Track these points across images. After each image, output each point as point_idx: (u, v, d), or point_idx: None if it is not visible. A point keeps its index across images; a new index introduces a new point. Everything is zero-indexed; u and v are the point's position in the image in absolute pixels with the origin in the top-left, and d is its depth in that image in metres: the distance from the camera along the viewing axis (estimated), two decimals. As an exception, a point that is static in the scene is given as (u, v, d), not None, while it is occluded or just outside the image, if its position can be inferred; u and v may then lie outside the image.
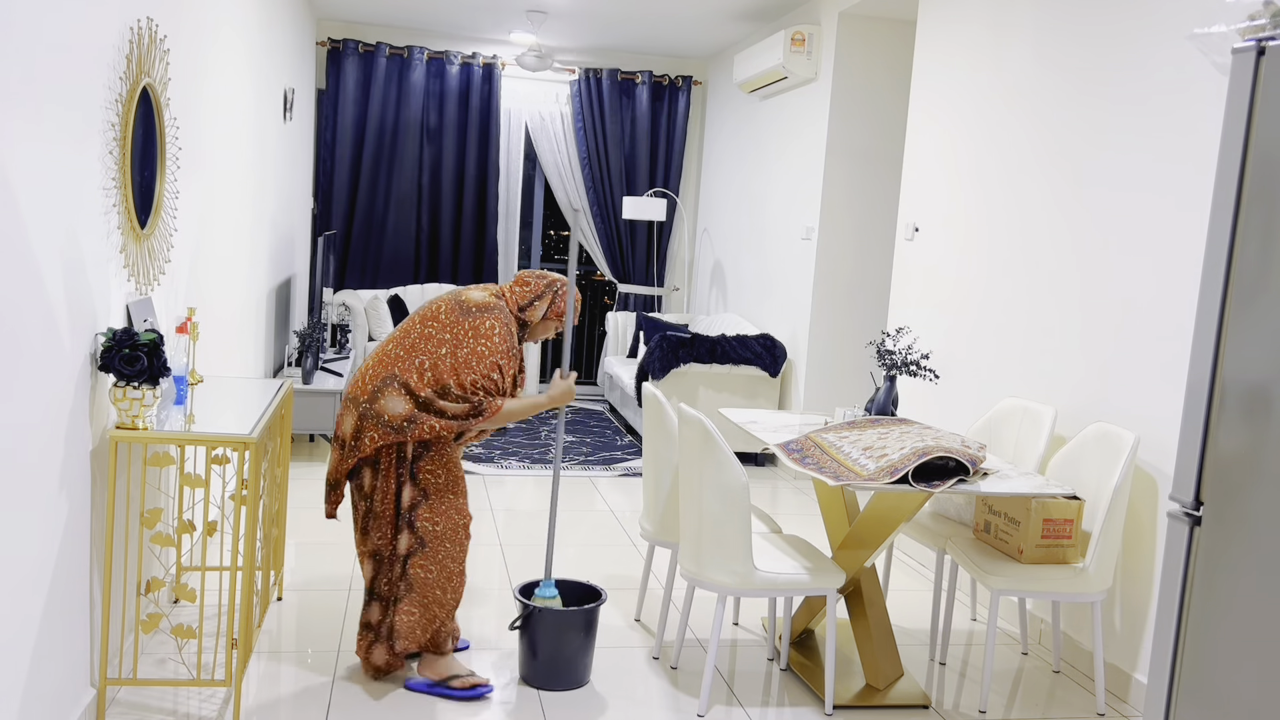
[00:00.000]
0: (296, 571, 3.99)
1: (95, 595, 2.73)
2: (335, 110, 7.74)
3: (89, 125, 2.50)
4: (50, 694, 2.43)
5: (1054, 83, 3.86)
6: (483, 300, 3.02)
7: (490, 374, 2.94)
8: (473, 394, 2.93)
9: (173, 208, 3.35)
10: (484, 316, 2.97)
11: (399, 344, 2.98)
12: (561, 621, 3.10)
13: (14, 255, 2.09)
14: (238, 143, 4.55)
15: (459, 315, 2.97)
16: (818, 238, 5.93)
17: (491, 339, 2.94)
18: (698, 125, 8.51)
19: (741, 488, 2.96)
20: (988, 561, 3.21)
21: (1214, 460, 2.08)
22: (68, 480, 2.46)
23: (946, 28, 4.63)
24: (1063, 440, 3.70)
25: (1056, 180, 3.83)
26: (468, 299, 3.02)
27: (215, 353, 4.21)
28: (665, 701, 3.12)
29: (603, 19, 7.05)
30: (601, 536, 4.72)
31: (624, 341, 8.05)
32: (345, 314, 7.31)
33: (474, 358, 2.92)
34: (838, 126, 5.86)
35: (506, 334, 2.99)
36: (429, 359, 2.92)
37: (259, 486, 2.85)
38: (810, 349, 5.99)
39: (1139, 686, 3.29)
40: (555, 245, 9.06)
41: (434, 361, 2.92)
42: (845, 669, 3.38)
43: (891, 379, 3.65)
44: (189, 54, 3.54)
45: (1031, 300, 3.93)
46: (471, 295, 3.04)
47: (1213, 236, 2.08)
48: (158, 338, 2.61)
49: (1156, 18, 3.36)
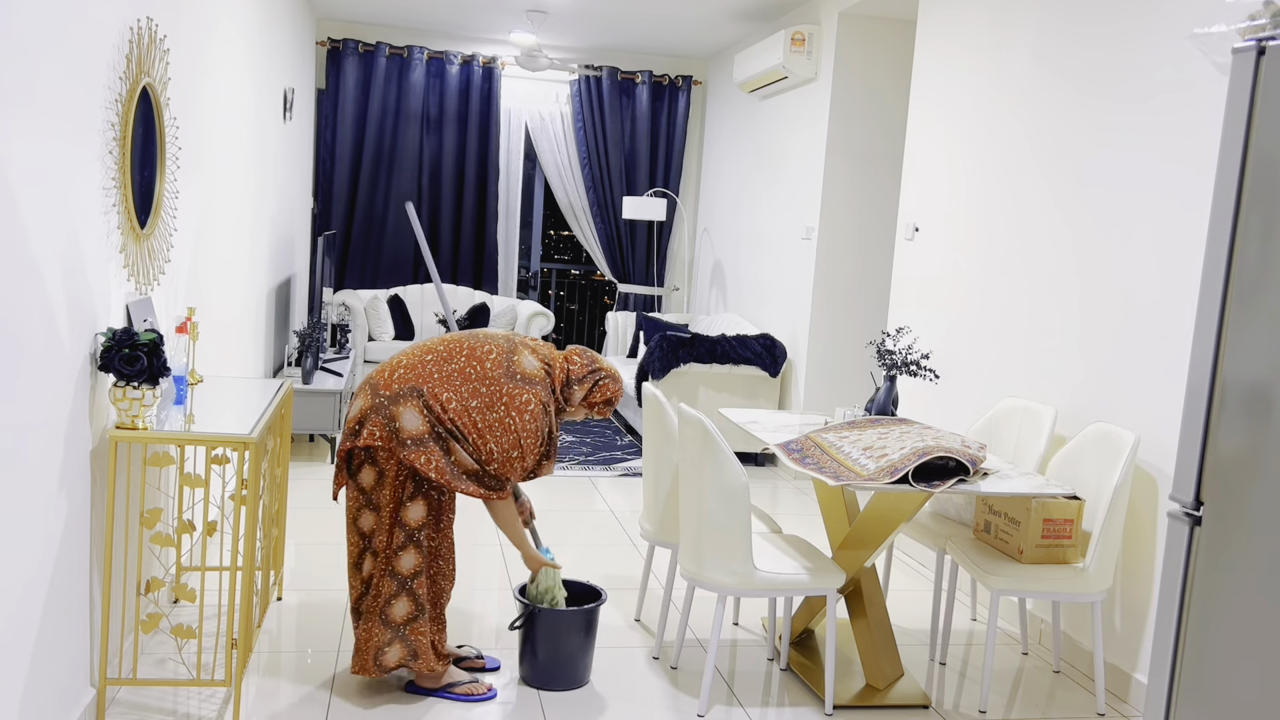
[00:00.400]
0: (296, 571, 3.99)
1: (95, 595, 2.73)
2: (335, 110, 7.74)
3: (89, 125, 2.50)
4: (50, 694, 2.43)
5: (1054, 82, 3.86)
6: (530, 371, 2.90)
7: (510, 450, 2.84)
8: (488, 462, 2.84)
9: (172, 207, 3.35)
10: (524, 389, 2.86)
11: (438, 364, 2.87)
12: (561, 621, 3.09)
13: (14, 255, 2.09)
14: (237, 143, 4.55)
15: (503, 375, 2.86)
16: (818, 238, 5.93)
17: (524, 414, 2.83)
18: (698, 125, 8.51)
19: (741, 488, 2.95)
20: (988, 561, 3.21)
21: (1214, 460, 2.08)
22: (68, 480, 2.46)
23: (946, 28, 4.63)
24: (1063, 440, 3.70)
25: (1056, 180, 3.83)
26: (518, 362, 2.90)
27: (215, 353, 4.21)
28: (665, 701, 3.12)
29: (603, 19, 7.05)
30: (601, 536, 4.72)
31: (624, 341, 8.05)
32: (345, 314, 7.31)
33: (499, 427, 2.83)
34: (838, 126, 5.86)
35: (541, 413, 2.87)
36: (457, 399, 2.83)
37: (259, 486, 2.84)
38: (810, 349, 5.99)
39: (1139, 686, 3.29)
40: (555, 245, 9.06)
41: (461, 405, 2.82)
42: (845, 669, 3.38)
43: (891, 379, 3.65)
44: (189, 54, 3.54)
45: (1032, 300, 3.93)
46: (524, 360, 2.91)
47: (1213, 236, 2.08)
48: (158, 338, 2.61)
49: (1156, 18, 3.36)
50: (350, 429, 2.88)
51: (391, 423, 2.82)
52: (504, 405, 2.84)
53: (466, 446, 2.84)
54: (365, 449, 2.89)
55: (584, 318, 9.09)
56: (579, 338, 9.08)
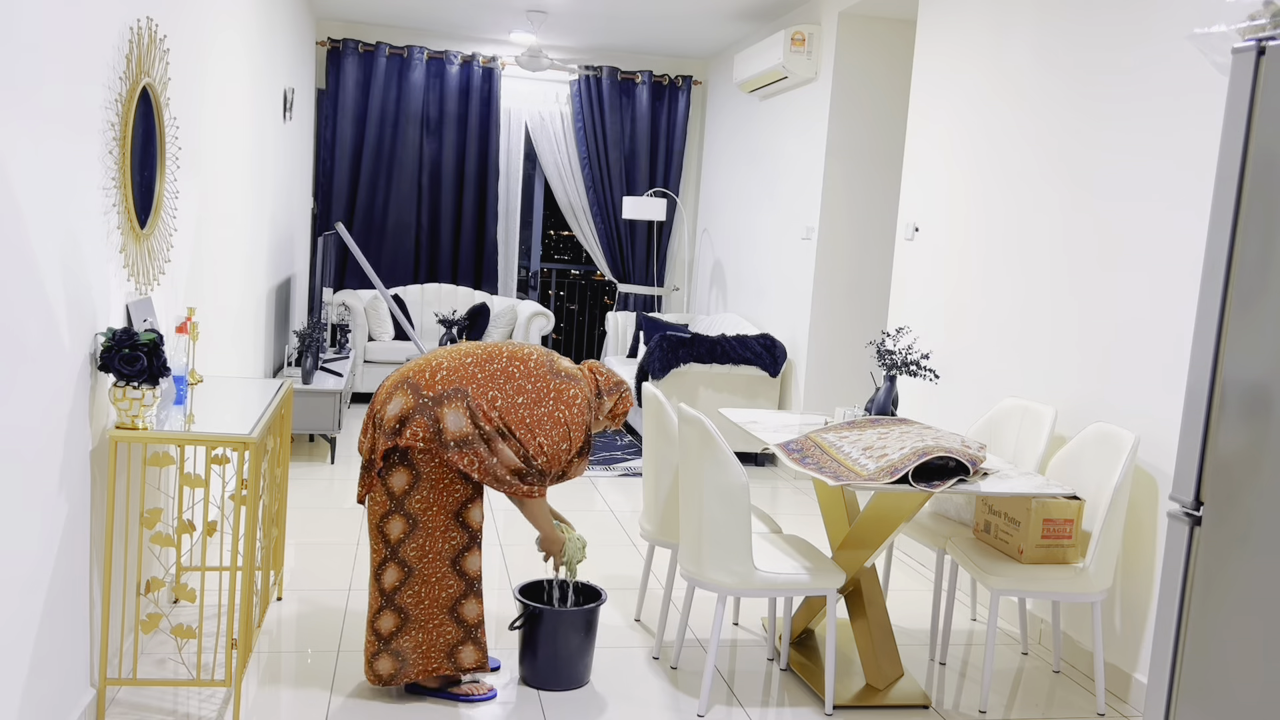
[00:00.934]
0: (296, 571, 3.99)
1: (95, 595, 2.73)
2: (335, 110, 7.74)
3: (89, 125, 2.50)
4: (50, 694, 2.43)
5: (1054, 82, 3.86)
6: (573, 370, 2.99)
7: (560, 443, 2.88)
8: (535, 457, 2.87)
9: (172, 208, 3.35)
10: (571, 384, 2.94)
11: (480, 365, 2.89)
12: (561, 622, 3.09)
13: (14, 255, 2.09)
14: (238, 143, 4.55)
15: (548, 372, 2.93)
16: (818, 238, 5.93)
17: (573, 407, 2.91)
18: (698, 125, 8.51)
19: (741, 488, 2.95)
20: (988, 561, 3.21)
21: (1214, 460, 2.08)
22: (68, 480, 2.46)
23: (946, 28, 4.63)
24: (1063, 440, 3.70)
25: (1057, 179, 3.83)
26: (559, 362, 2.98)
27: (215, 353, 4.21)
28: (665, 701, 3.12)
29: (603, 19, 7.05)
30: (602, 536, 4.72)
31: (624, 341, 8.05)
32: (345, 314, 7.31)
33: (549, 420, 2.87)
34: (838, 126, 5.86)
35: (586, 408, 2.95)
36: (503, 398, 2.86)
37: (259, 486, 2.84)
38: (810, 349, 5.99)
39: (1139, 686, 3.29)
40: (555, 245, 9.06)
41: (507, 403, 2.86)
42: (845, 669, 3.38)
43: (891, 379, 3.65)
44: (189, 54, 3.54)
45: (1032, 300, 3.93)
46: (564, 362, 3.00)
47: (1213, 236, 2.08)
48: (157, 338, 2.61)
49: (1156, 18, 3.36)
50: (391, 428, 2.83)
51: (436, 424, 2.81)
52: (552, 400, 2.89)
53: (513, 444, 2.86)
54: (401, 451, 2.87)
55: (584, 318, 9.09)
56: (579, 337, 9.08)
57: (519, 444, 2.86)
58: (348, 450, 6.00)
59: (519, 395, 2.87)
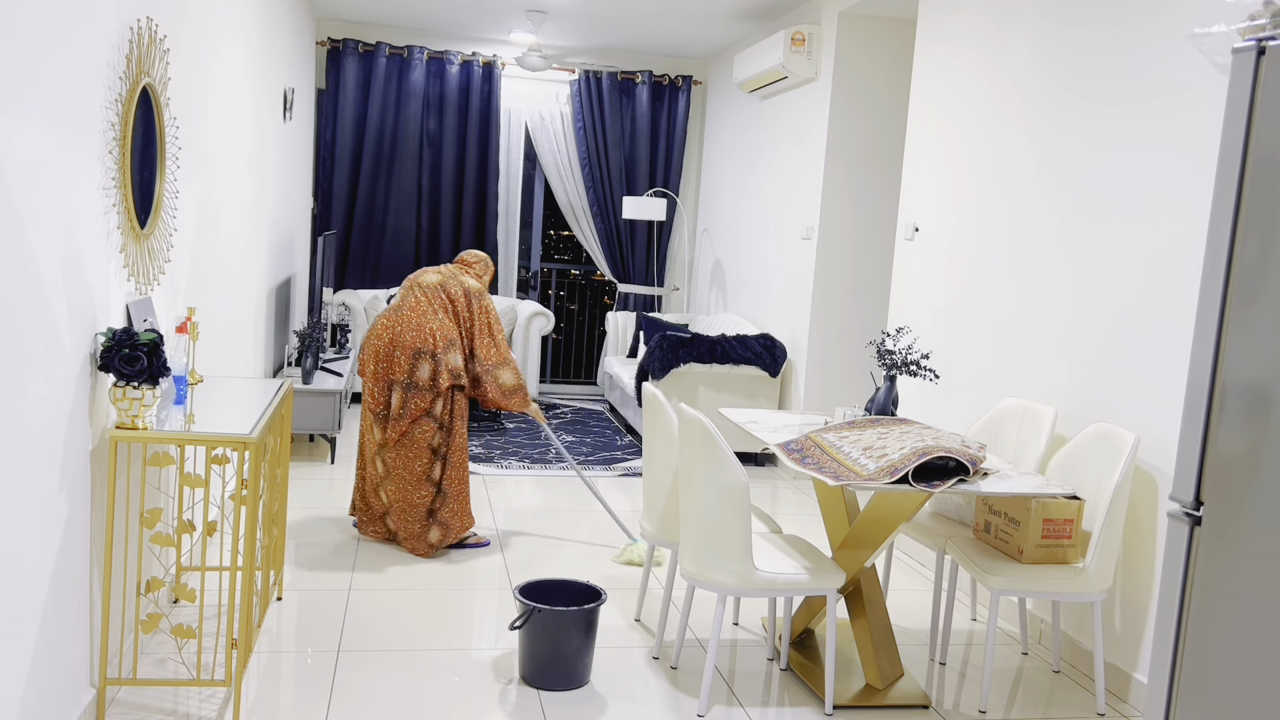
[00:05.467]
0: (296, 571, 3.99)
1: (95, 595, 2.73)
2: (335, 110, 7.74)
3: (88, 125, 2.50)
4: (50, 694, 2.44)
5: (1054, 82, 3.87)
6: (477, 287, 4.36)
7: (501, 330, 4.33)
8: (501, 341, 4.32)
9: (172, 207, 3.35)
10: (485, 297, 4.36)
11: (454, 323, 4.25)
12: (561, 621, 3.10)
13: (13, 255, 2.09)
14: (238, 143, 4.55)
15: (474, 300, 4.31)
16: (818, 238, 5.93)
17: (494, 308, 4.35)
18: (698, 125, 8.51)
19: (741, 488, 2.96)
20: (988, 561, 3.21)
21: (1214, 460, 2.08)
22: (68, 480, 2.46)
23: (946, 28, 4.63)
24: (1063, 440, 3.70)
25: (1056, 179, 3.83)
26: (470, 284, 4.35)
27: (215, 353, 4.21)
28: (665, 701, 3.12)
29: (603, 19, 7.05)
30: (602, 536, 4.72)
31: (624, 341, 8.05)
32: (345, 314, 7.31)
33: (494, 322, 4.31)
34: (838, 126, 5.86)
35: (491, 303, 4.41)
36: (466, 333, 4.28)
37: (259, 486, 2.85)
38: (810, 349, 5.99)
39: (1139, 686, 3.29)
40: (555, 245, 9.06)
41: (469, 332, 4.29)
42: (845, 669, 3.38)
43: (891, 379, 3.65)
44: (189, 54, 3.54)
45: (1032, 299, 3.93)
46: (469, 281, 4.35)
47: (1213, 236, 2.08)
48: (157, 337, 2.61)
49: (1156, 18, 3.36)
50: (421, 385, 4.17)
51: (450, 368, 4.16)
52: (484, 314, 4.30)
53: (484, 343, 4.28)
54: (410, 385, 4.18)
55: (584, 318, 9.09)
56: (579, 337, 9.08)
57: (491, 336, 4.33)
58: (348, 450, 6.00)
59: (472, 325, 4.31)
